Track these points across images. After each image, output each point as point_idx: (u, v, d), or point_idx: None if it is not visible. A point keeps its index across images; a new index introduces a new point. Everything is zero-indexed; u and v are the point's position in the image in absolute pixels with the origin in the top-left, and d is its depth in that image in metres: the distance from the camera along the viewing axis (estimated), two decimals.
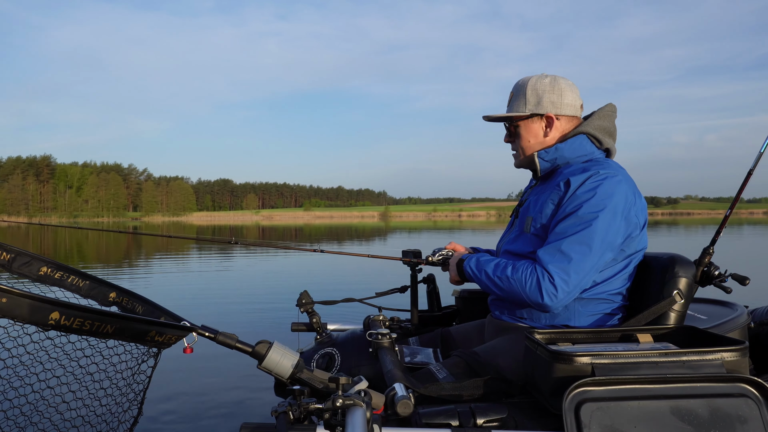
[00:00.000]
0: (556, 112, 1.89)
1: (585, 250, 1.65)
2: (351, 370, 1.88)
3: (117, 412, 1.51)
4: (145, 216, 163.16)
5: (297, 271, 12.08)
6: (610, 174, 1.72)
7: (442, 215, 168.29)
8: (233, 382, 3.87)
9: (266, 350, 1.47)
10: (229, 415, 3.27)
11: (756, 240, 22.79)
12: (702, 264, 1.81)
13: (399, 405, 1.37)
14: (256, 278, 10.76)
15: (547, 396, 1.40)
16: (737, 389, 1.29)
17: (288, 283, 9.83)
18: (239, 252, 16.72)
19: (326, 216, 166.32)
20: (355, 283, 9.48)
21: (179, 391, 3.70)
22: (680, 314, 1.73)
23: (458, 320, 2.44)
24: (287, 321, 2.31)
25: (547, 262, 1.66)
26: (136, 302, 1.80)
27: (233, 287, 9.30)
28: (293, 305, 2.17)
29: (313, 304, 2.16)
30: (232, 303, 7.55)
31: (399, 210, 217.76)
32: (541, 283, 1.65)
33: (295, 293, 2.16)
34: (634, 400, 1.28)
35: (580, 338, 1.59)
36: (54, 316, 1.20)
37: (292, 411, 1.22)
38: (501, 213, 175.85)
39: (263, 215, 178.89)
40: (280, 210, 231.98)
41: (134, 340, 1.38)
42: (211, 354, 3.35)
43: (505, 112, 1.97)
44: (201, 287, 9.33)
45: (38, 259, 1.75)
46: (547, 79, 1.91)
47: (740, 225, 45.28)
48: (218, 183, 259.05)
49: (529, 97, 1.91)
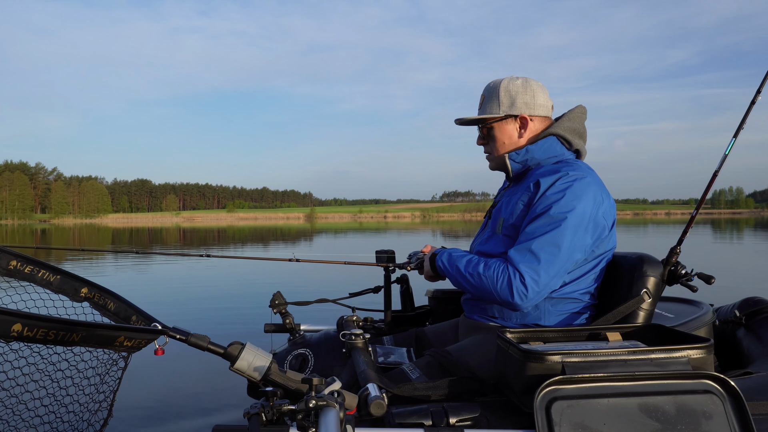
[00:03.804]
0: (529, 113, 1.91)
1: (554, 250, 1.67)
2: (324, 370, 1.87)
3: (86, 415, 1.48)
4: (54, 218, 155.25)
5: (270, 273, 11.99)
6: (579, 175, 1.75)
7: (368, 216, 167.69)
8: (205, 384, 3.82)
9: (239, 351, 1.46)
10: (201, 417, 3.23)
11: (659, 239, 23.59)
12: (669, 263, 1.84)
13: (372, 405, 1.37)
14: (229, 280, 10.65)
15: (519, 394, 1.41)
16: (702, 386, 1.32)
17: (261, 284, 9.75)
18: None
19: (251, 217, 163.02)
20: (329, 284, 9.44)
21: (150, 392, 3.64)
22: (648, 313, 1.76)
23: (432, 320, 2.45)
24: (260, 322, 2.29)
25: (518, 261, 1.68)
26: (108, 298, 1.76)
27: (205, 288, 9.18)
28: (266, 306, 2.15)
29: (287, 304, 2.15)
30: (204, 304, 7.46)
31: (325, 211, 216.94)
32: (512, 282, 1.66)
33: (268, 294, 2.14)
34: (604, 397, 1.30)
35: (551, 337, 1.61)
36: (16, 328, 1.16)
37: (264, 412, 1.22)
38: (426, 215, 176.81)
39: (184, 217, 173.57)
40: (202, 212, 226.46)
41: (102, 347, 1.35)
42: (183, 355, 3.31)
43: (478, 115, 1.99)
44: (172, 287, 9.20)
45: (7, 252, 1.70)
46: (519, 80, 1.93)
47: (645, 225, 46.92)
48: (136, 183, 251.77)
49: (502, 98, 1.92)
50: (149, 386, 3.76)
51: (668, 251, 1.86)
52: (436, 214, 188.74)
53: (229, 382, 3.76)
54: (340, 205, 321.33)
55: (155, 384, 3.82)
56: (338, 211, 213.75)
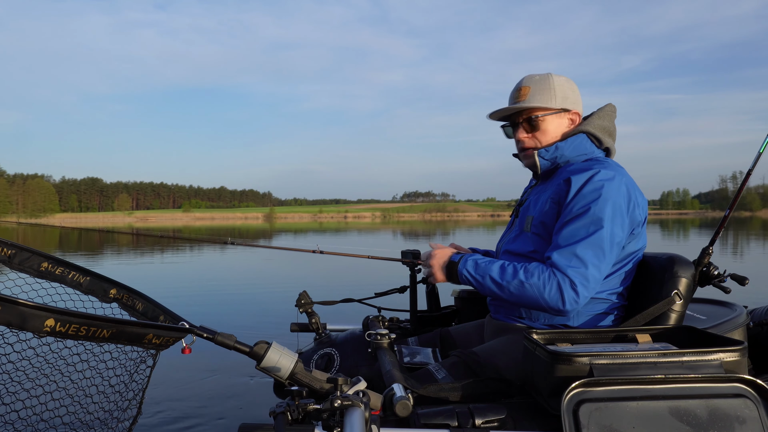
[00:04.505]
0: (577, 109, 1.91)
1: (599, 253, 1.65)
2: (350, 370, 1.88)
3: (116, 413, 1.50)
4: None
5: (295, 271, 12.07)
6: (611, 174, 1.72)
7: (328, 216, 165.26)
8: (232, 383, 3.86)
9: (264, 351, 1.47)
10: (227, 415, 3.26)
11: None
12: (701, 264, 1.81)
13: (397, 406, 1.37)
14: (256, 278, 10.76)
15: (546, 396, 1.40)
16: (736, 389, 1.29)
17: (287, 283, 9.83)
18: (233, 252, 16.67)
19: (207, 217, 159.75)
20: (355, 284, 9.47)
21: (178, 391, 3.70)
22: (679, 314, 1.72)
23: (457, 320, 2.44)
24: (287, 321, 2.31)
25: (565, 267, 1.64)
26: (136, 299, 1.79)
27: (232, 287, 9.29)
28: (293, 305, 2.16)
29: (313, 304, 2.16)
30: (231, 303, 7.55)
31: (284, 211, 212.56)
32: (563, 288, 1.62)
33: (295, 293, 2.16)
34: (633, 400, 1.28)
35: (578, 338, 1.59)
36: (49, 323, 1.19)
37: (290, 412, 1.22)
38: (386, 215, 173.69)
39: (137, 216, 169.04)
40: (157, 211, 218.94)
41: (131, 343, 1.38)
42: (210, 354, 3.35)
43: (524, 105, 1.89)
44: (200, 287, 9.33)
45: (39, 254, 1.74)
46: (562, 77, 1.91)
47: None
48: (85, 182, 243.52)
49: (557, 91, 1.88)
50: (177, 384, 3.82)
51: (700, 252, 1.82)
52: (396, 214, 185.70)
53: (255, 380, 3.81)
54: (300, 204, 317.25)
55: (183, 382, 3.87)
56: (298, 211, 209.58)
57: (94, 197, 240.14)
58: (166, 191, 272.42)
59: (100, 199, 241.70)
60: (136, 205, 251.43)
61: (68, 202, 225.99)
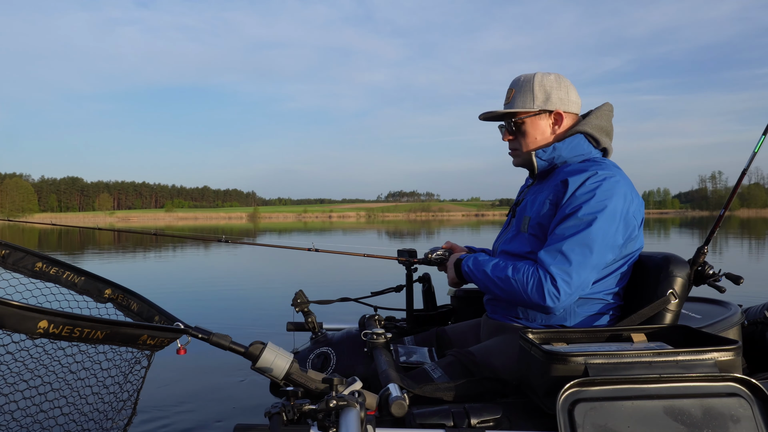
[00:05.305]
0: (563, 109, 1.89)
1: (586, 251, 1.65)
2: (346, 369, 1.88)
3: (110, 414, 1.50)
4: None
5: (291, 270, 12.06)
6: (608, 174, 1.72)
7: (312, 216, 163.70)
8: (227, 383, 3.86)
9: (260, 351, 1.46)
10: (222, 416, 3.26)
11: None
12: (696, 263, 1.81)
13: (393, 406, 1.37)
14: (250, 278, 10.75)
15: (541, 396, 1.40)
16: (730, 389, 1.29)
17: (282, 282, 9.82)
18: (225, 250, 16.63)
19: (190, 217, 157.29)
20: (351, 283, 9.47)
21: (173, 391, 3.69)
22: (674, 314, 1.73)
23: (454, 320, 2.44)
24: (282, 320, 2.30)
25: (549, 263, 1.66)
26: (131, 299, 1.78)
27: (227, 286, 9.28)
28: (288, 305, 2.16)
29: (309, 303, 2.16)
30: (226, 302, 7.54)
31: (269, 211, 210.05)
32: (544, 284, 1.64)
33: (290, 293, 2.16)
34: (628, 399, 1.28)
35: (574, 338, 1.59)
36: (42, 325, 1.18)
37: (285, 412, 1.22)
38: (371, 214, 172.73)
39: (118, 217, 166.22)
40: (139, 211, 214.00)
41: (126, 344, 1.37)
42: (205, 354, 3.35)
43: (508, 109, 1.94)
44: (193, 286, 9.31)
45: (33, 254, 1.73)
46: (552, 76, 1.90)
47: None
48: (65, 181, 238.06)
49: (537, 93, 1.89)
50: (172, 385, 3.81)
51: (695, 251, 1.83)
52: (381, 214, 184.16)
53: (251, 381, 3.80)
54: (285, 204, 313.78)
55: (178, 383, 3.86)
56: (282, 211, 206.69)
57: (74, 197, 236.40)
58: (148, 191, 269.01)
59: (80, 198, 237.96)
60: (117, 204, 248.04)
61: (47, 201, 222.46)
